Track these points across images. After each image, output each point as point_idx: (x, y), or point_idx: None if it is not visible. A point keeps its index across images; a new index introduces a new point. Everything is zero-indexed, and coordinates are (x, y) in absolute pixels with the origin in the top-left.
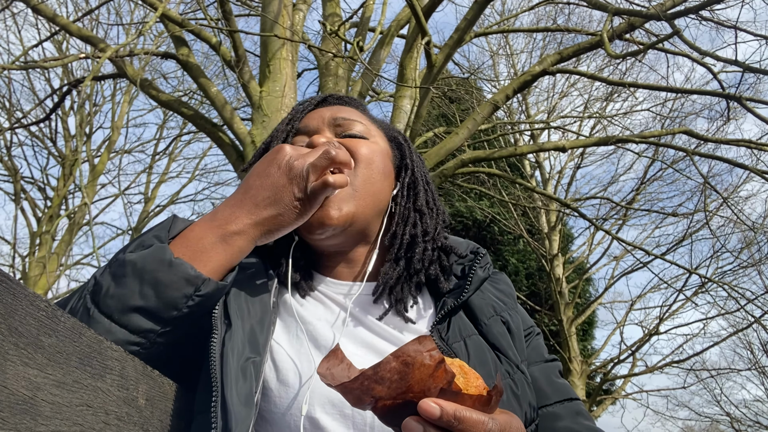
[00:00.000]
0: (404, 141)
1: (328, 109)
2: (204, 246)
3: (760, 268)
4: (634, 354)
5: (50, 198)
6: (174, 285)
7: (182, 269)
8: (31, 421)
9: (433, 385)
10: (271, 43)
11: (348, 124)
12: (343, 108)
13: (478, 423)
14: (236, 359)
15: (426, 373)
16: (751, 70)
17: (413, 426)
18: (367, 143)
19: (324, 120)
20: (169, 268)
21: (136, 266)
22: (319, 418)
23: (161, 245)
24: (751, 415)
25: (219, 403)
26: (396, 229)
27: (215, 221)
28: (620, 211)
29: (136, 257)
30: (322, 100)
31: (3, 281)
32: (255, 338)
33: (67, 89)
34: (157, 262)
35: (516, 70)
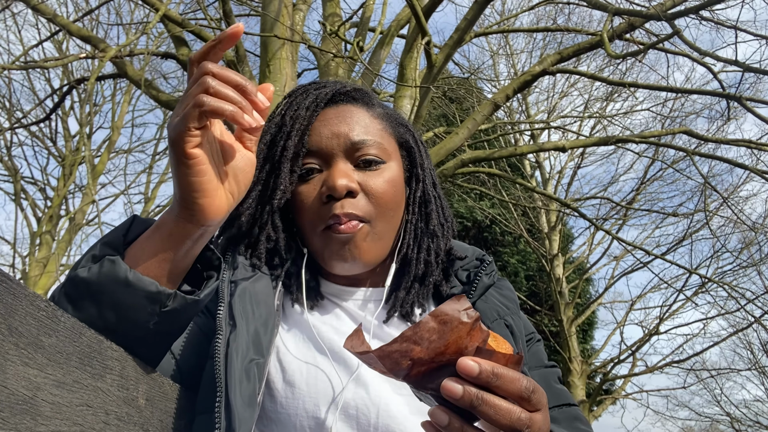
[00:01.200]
0: (414, 143)
1: (340, 121)
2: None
3: (760, 268)
4: (634, 354)
5: (50, 198)
6: (135, 305)
7: (141, 286)
8: (31, 421)
9: (469, 344)
10: (271, 43)
11: (365, 147)
12: (354, 114)
13: (514, 379)
14: (240, 360)
15: (464, 332)
16: (751, 70)
17: (452, 386)
18: (384, 174)
19: (340, 144)
20: (127, 288)
21: (90, 287)
22: (325, 419)
23: (112, 259)
24: (751, 415)
25: (223, 403)
26: (408, 252)
27: None
28: (620, 211)
29: (89, 276)
30: (329, 99)
31: (3, 281)
32: (259, 340)
33: (67, 89)
34: (111, 281)
35: (516, 70)
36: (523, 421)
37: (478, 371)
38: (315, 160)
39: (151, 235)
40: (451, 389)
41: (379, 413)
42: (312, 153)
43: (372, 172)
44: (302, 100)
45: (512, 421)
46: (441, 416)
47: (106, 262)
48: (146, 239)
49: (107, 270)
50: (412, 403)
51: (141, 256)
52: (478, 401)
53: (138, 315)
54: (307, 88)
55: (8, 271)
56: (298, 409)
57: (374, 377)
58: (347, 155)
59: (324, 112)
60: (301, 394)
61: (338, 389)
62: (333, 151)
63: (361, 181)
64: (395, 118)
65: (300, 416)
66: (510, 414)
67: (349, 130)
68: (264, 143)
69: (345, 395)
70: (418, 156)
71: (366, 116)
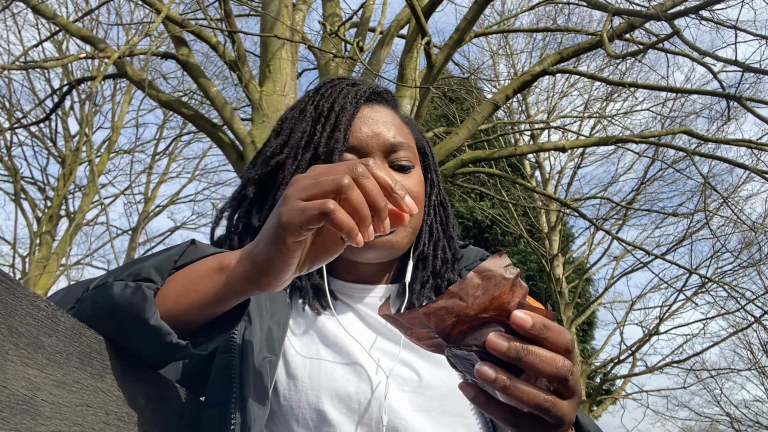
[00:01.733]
0: (429, 150)
1: (378, 120)
2: (198, 276)
3: (760, 268)
4: (634, 354)
5: (50, 198)
6: (145, 344)
7: (157, 334)
8: (31, 421)
9: (512, 300)
10: (271, 43)
11: (400, 150)
12: (388, 115)
13: (562, 331)
14: (254, 357)
15: (506, 288)
16: (751, 70)
17: (497, 340)
18: (413, 177)
19: (379, 143)
20: (144, 329)
21: (113, 306)
22: (327, 411)
23: (148, 292)
24: (751, 415)
25: (239, 398)
26: (425, 250)
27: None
28: (620, 211)
29: (118, 297)
30: (367, 97)
31: (3, 281)
32: (271, 337)
33: (67, 89)
34: (133, 315)
35: (516, 70)
36: (567, 368)
37: (531, 323)
38: (353, 156)
39: (205, 277)
40: (497, 342)
41: (382, 408)
42: (352, 149)
43: (406, 175)
44: (340, 94)
45: (557, 368)
46: (488, 371)
47: (140, 292)
48: (201, 278)
49: (137, 302)
50: (414, 400)
51: (184, 293)
52: (524, 352)
53: (144, 350)
54: (337, 84)
55: (8, 271)
56: (300, 402)
57: (376, 371)
58: (384, 155)
59: (361, 108)
60: (304, 387)
61: (341, 383)
62: (372, 150)
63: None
64: (414, 123)
65: (302, 408)
66: (555, 361)
67: (387, 131)
68: (301, 132)
69: (348, 389)
70: (432, 162)
71: (397, 119)
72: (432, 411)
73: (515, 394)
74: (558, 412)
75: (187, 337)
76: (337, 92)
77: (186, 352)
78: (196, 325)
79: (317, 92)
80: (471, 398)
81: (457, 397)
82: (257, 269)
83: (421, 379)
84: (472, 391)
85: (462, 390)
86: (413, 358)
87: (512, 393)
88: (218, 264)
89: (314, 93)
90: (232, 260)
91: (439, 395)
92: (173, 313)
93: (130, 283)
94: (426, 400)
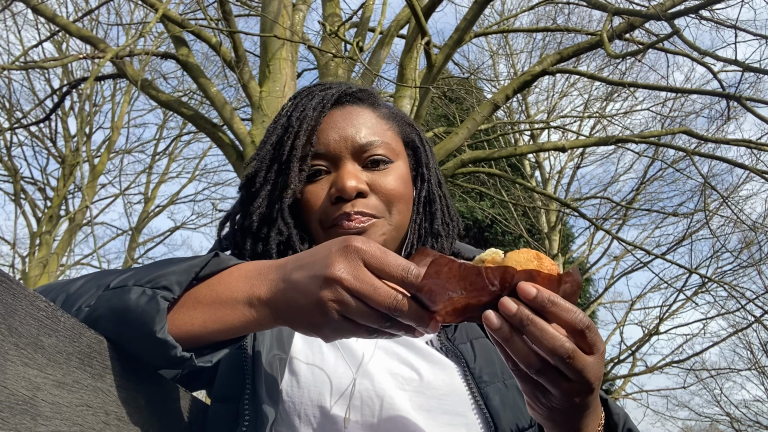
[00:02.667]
0: (420, 143)
1: (347, 123)
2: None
3: (760, 267)
4: (634, 354)
5: (50, 198)
6: (151, 354)
7: (163, 348)
8: (31, 421)
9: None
10: (271, 43)
11: (372, 148)
12: (360, 116)
13: (570, 310)
14: (265, 354)
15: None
16: (751, 69)
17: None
18: (393, 173)
19: (347, 146)
20: (152, 339)
21: (126, 311)
22: (329, 407)
23: (160, 307)
24: (751, 415)
25: (251, 394)
26: (412, 251)
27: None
28: (620, 210)
29: (133, 303)
30: (335, 100)
31: (3, 281)
32: (281, 335)
33: (67, 89)
34: (144, 322)
35: (516, 70)
36: (566, 350)
37: (534, 294)
38: (323, 162)
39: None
40: (508, 305)
41: (383, 405)
42: (319, 155)
43: (380, 172)
44: (308, 101)
45: (554, 347)
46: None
47: (154, 302)
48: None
49: (149, 311)
50: (415, 399)
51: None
52: (527, 320)
53: (148, 357)
54: (312, 89)
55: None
56: (303, 398)
57: (379, 369)
58: (355, 157)
59: (330, 113)
60: (307, 384)
61: (343, 380)
62: (341, 153)
63: (370, 181)
64: (401, 117)
65: (305, 405)
66: (554, 339)
67: (356, 132)
68: (270, 144)
69: (350, 386)
70: (424, 155)
71: (372, 117)
72: (433, 410)
73: (534, 332)
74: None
75: (192, 350)
76: (308, 100)
77: (189, 365)
78: (208, 343)
79: (293, 100)
80: (496, 328)
81: (457, 396)
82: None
83: (422, 378)
84: (497, 321)
85: (486, 320)
86: (414, 357)
87: (531, 331)
88: (248, 296)
89: (290, 101)
90: (262, 295)
91: (440, 395)
92: (189, 332)
93: (147, 290)
94: (427, 399)
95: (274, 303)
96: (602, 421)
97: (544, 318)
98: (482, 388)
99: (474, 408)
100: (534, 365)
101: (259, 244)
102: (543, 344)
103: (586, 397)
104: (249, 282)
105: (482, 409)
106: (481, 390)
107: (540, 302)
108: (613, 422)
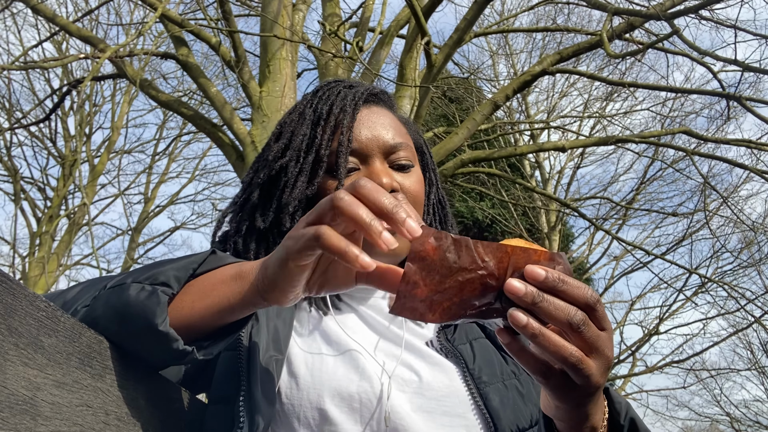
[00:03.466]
0: (426, 149)
1: (377, 122)
2: (214, 283)
3: (759, 268)
4: (634, 354)
5: (50, 198)
6: (153, 348)
7: (165, 340)
8: (31, 421)
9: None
10: (271, 43)
11: (400, 150)
12: (386, 117)
13: (580, 286)
14: (261, 355)
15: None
16: (750, 69)
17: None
18: (414, 175)
19: (379, 145)
20: (154, 334)
21: (126, 307)
22: (328, 410)
23: (160, 300)
24: (751, 415)
25: (246, 396)
26: None
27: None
28: (620, 210)
29: (133, 299)
30: (365, 99)
31: (3, 281)
32: (278, 337)
33: (67, 89)
34: (145, 316)
35: (516, 70)
36: (581, 318)
37: (544, 275)
38: (353, 159)
39: (222, 283)
40: (515, 286)
41: (382, 407)
42: (352, 152)
43: (406, 174)
44: (336, 97)
45: (569, 317)
46: (520, 316)
47: (155, 296)
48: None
49: (150, 305)
50: (414, 400)
51: (200, 299)
52: (539, 298)
53: (150, 352)
54: (335, 86)
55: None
56: (302, 401)
57: (378, 371)
58: (384, 156)
59: (359, 111)
60: (306, 386)
61: (343, 382)
62: (373, 152)
63: (398, 181)
64: (411, 123)
65: (304, 407)
66: (568, 310)
67: (386, 132)
68: (302, 135)
69: (350, 389)
70: (430, 161)
71: (395, 120)
72: (432, 412)
73: (543, 343)
74: (586, 371)
75: (193, 342)
76: (335, 95)
77: (191, 358)
78: (206, 332)
79: (315, 95)
80: (506, 344)
81: (457, 398)
82: (266, 283)
83: (422, 380)
84: (507, 337)
85: (499, 335)
86: (414, 359)
87: (541, 342)
88: (236, 272)
89: (312, 96)
90: (248, 269)
91: (440, 396)
92: (187, 320)
93: (146, 286)
94: (426, 401)
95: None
96: (606, 409)
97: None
98: (482, 389)
99: (474, 409)
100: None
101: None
102: (558, 316)
103: (606, 375)
104: (238, 265)
105: (482, 410)
106: (481, 391)
107: (551, 283)
108: (615, 411)
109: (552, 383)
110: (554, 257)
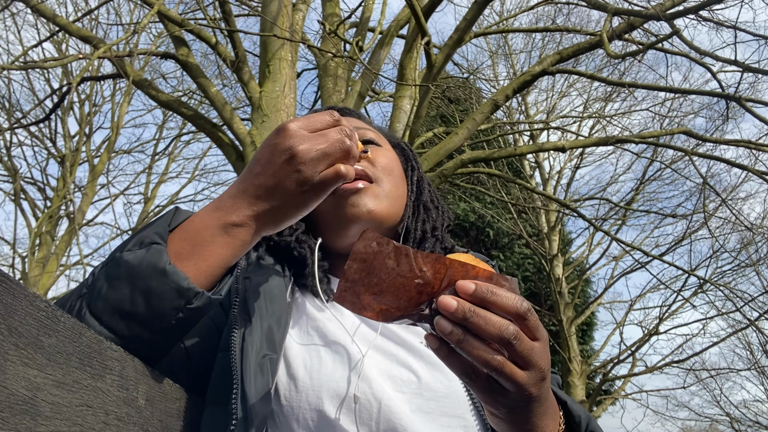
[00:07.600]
0: (406, 146)
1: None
2: (205, 238)
3: (758, 268)
4: (634, 354)
5: (50, 198)
6: (165, 296)
7: (175, 279)
8: (31, 421)
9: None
10: (271, 43)
11: (361, 133)
12: (358, 122)
13: (510, 297)
14: (255, 355)
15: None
16: (750, 70)
17: (447, 300)
18: (384, 152)
19: None
20: (162, 277)
21: (130, 270)
22: (327, 412)
23: (158, 248)
24: (751, 416)
25: (239, 395)
26: (407, 223)
27: (218, 211)
28: (619, 211)
29: (132, 258)
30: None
31: (3, 281)
32: (272, 336)
33: (67, 89)
34: (150, 268)
35: (515, 70)
36: (512, 332)
37: (473, 288)
38: None
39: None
40: (447, 303)
41: (381, 408)
42: None
43: (374, 148)
44: None
45: (501, 330)
46: (445, 324)
47: (153, 248)
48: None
49: (151, 256)
50: (413, 401)
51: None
52: (470, 313)
53: (164, 306)
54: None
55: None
56: (301, 402)
57: (377, 372)
58: None
59: None
60: (305, 387)
61: (341, 383)
62: None
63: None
64: (385, 129)
65: (303, 409)
66: (499, 324)
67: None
68: None
69: (348, 389)
70: (411, 154)
71: (364, 124)
72: (431, 413)
73: (466, 348)
74: (511, 377)
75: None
76: None
77: (204, 300)
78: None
79: None
80: (435, 349)
81: (456, 399)
82: (275, 222)
83: (420, 381)
84: (436, 342)
85: (427, 340)
86: (413, 359)
87: (464, 347)
88: (222, 225)
89: None
90: (234, 220)
91: (439, 397)
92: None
93: (138, 249)
94: (425, 401)
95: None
96: (562, 420)
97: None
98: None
99: (472, 410)
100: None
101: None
102: (489, 331)
103: (540, 386)
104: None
105: (480, 412)
106: None
107: (480, 294)
108: (574, 423)
109: (477, 385)
110: (495, 278)
